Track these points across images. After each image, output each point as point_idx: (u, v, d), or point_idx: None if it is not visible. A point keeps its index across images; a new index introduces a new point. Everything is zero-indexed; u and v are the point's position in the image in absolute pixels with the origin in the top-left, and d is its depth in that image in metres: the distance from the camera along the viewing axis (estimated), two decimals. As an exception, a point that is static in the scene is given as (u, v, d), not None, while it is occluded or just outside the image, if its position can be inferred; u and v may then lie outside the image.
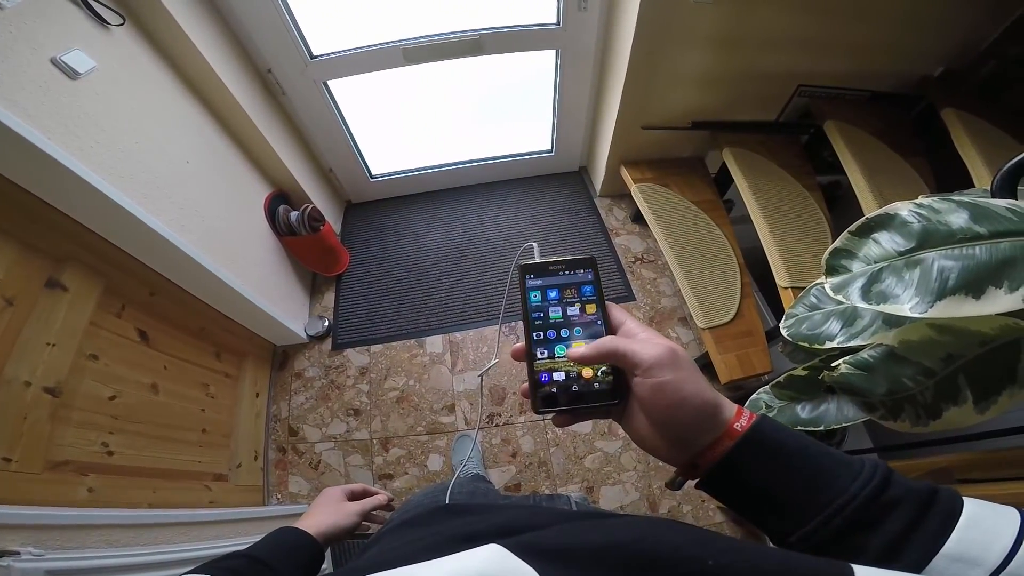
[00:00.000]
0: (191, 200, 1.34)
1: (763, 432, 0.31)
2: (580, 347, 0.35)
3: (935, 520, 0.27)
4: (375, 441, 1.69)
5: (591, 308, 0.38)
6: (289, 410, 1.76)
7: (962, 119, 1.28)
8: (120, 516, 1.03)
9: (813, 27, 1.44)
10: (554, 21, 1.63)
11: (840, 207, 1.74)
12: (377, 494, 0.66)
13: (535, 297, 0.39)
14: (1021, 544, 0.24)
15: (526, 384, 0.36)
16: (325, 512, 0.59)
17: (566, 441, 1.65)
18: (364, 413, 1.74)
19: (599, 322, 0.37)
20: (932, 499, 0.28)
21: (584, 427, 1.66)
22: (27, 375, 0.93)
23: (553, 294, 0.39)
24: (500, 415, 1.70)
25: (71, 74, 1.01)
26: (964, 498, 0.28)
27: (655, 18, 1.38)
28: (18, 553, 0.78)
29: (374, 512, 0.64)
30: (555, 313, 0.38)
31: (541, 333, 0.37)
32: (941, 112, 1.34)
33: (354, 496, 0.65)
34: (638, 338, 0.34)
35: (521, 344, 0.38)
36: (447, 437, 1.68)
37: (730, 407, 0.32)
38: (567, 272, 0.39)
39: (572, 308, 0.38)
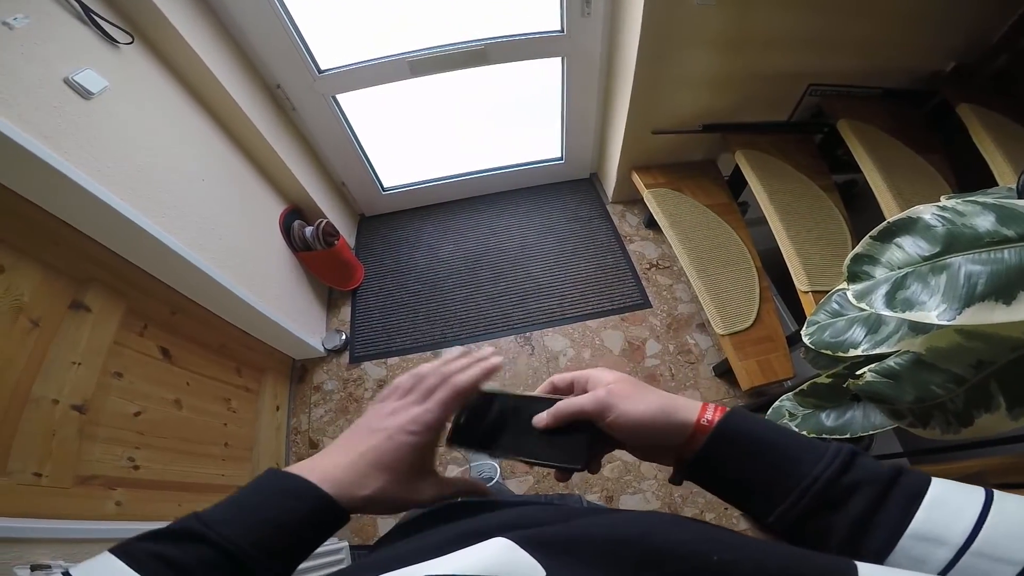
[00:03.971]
0: (207, 218, 1.36)
1: (731, 425, 0.33)
2: (541, 417, 0.39)
3: (899, 500, 0.27)
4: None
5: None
6: (309, 423, 1.78)
7: (978, 114, 1.25)
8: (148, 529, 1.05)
9: (818, 25, 1.43)
10: (558, 28, 1.64)
11: (858, 206, 1.70)
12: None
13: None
14: (984, 522, 0.25)
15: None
16: (380, 473, 0.36)
17: (584, 451, 1.62)
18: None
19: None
20: (895, 480, 0.28)
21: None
22: (55, 393, 0.96)
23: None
24: (517, 426, 1.69)
25: (84, 94, 1.03)
26: (933, 479, 0.28)
27: (659, 21, 1.38)
28: (49, 567, 0.79)
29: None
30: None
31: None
32: (956, 108, 1.31)
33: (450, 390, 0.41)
34: (582, 393, 0.39)
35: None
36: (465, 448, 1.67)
37: (688, 407, 0.35)
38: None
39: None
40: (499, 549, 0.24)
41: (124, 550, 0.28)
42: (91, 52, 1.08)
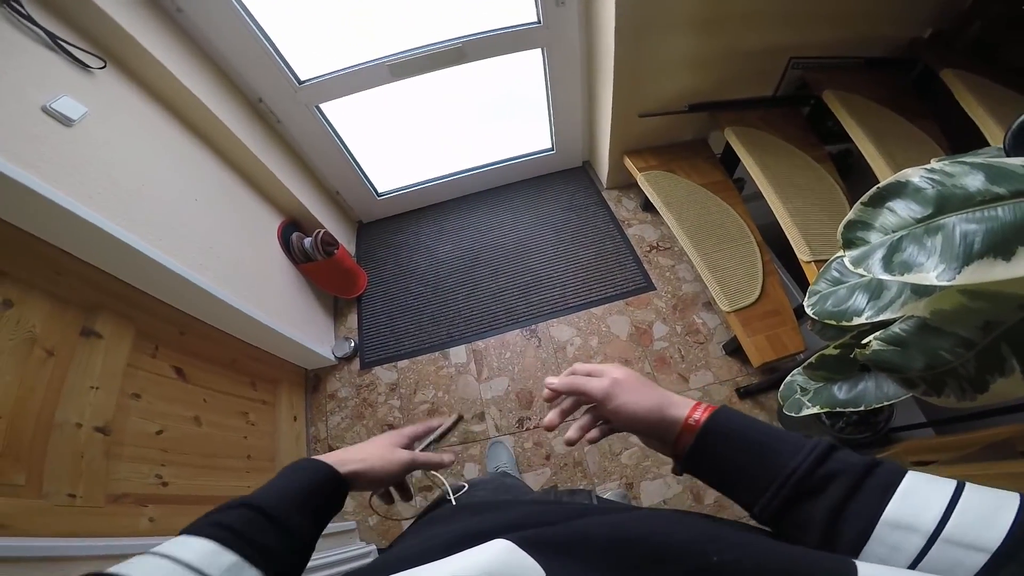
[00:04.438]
0: (204, 237, 1.37)
1: (717, 423, 0.37)
2: (552, 379, 0.49)
3: (874, 489, 0.29)
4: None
5: None
6: (327, 430, 1.80)
7: (962, 78, 1.25)
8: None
9: None
10: (535, 20, 1.63)
11: (855, 175, 1.69)
12: (434, 456, 0.56)
13: None
14: (953, 510, 0.26)
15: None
16: (366, 451, 0.50)
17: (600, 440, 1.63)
18: (398, 427, 1.76)
19: None
20: (870, 471, 0.30)
21: (616, 423, 1.64)
22: (77, 417, 0.99)
23: None
24: (530, 419, 1.70)
25: (65, 121, 1.03)
26: (909, 471, 0.30)
27: (633, 4, 1.37)
28: None
29: (433, 473, 0.56)
30: None
31: None
32: (940, 73, 1.31)
33: (415, 440, 0.58)
34: (600, 380, 0.46)
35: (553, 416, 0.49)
36: (480, 445, 1.68)
37: (679, 405, 0.41)
38: None
39: None
40: (500, 551, 0.24)
41: (189, 528, 0.36)
42: (65, 79, 1.07)
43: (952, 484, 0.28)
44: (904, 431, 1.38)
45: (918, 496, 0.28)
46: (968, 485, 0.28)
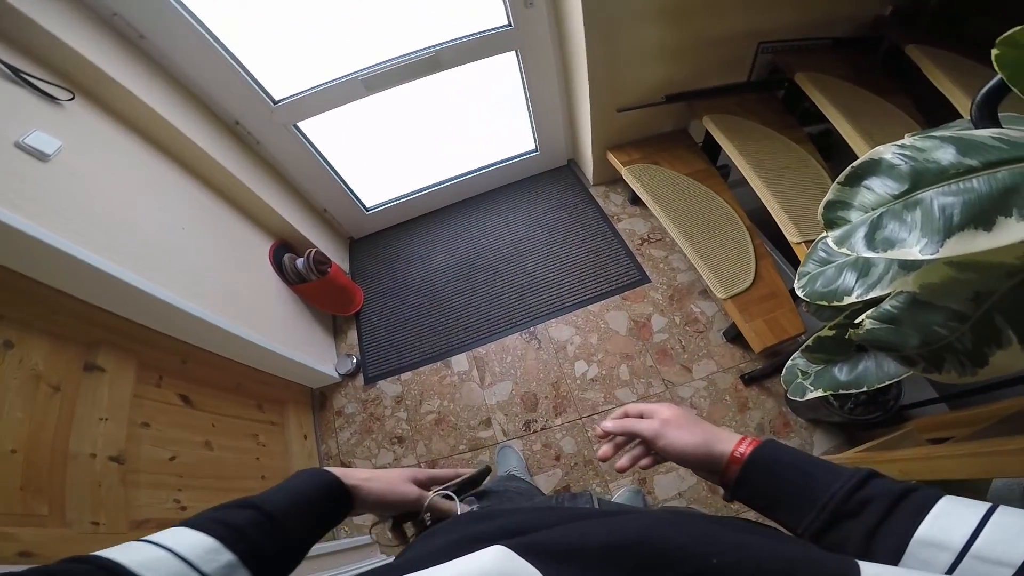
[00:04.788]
0: (196, 266, 1.37)
1: (761, 456, 0.41)
2: (607, 422, 0.54)
3: (907, 511, 0.31)
4: (422, 465, 1.71)
5: None
6: (338, 447, 1.80)
7: (927, 53, 1.27)
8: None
9: None
10: (505, 23, 1.64)
11: (837, 155, 1.70)
12: (445, 502, 0.53)
13: None
14: (983, 529, 0.27)
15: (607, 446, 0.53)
16: (376, 473, 0.51)
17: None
18: (407, 440, 1.76)
19: None
20: (904, 496, 0.33)
21: (622, 418, 1.64)
22: (90, 448, 1.02)
23: None
24: (536, 421, 1.70)
25: (40, 156, 1.01)
26: (944, 496, 0.32)
27: (599, 1, 1.39)
28: None
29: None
30: None
31: None
32: (905, 49, 1.32)
33: (435, 482, 0.56)
34: (652, 421, 0.50)
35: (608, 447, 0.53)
36: (489, 451, 1.68)
37: (725, 441, 0.44)
38: None
39: None
40: (496, 556, 0.24)
41: (190, 521, 0.36)
42: (34, 113, 1.05)
43: (984, 507, 0.29)
44: (916, 408, 1.37)
45: (950, 517, 0.30)
46: (1000, 507, 0.29)
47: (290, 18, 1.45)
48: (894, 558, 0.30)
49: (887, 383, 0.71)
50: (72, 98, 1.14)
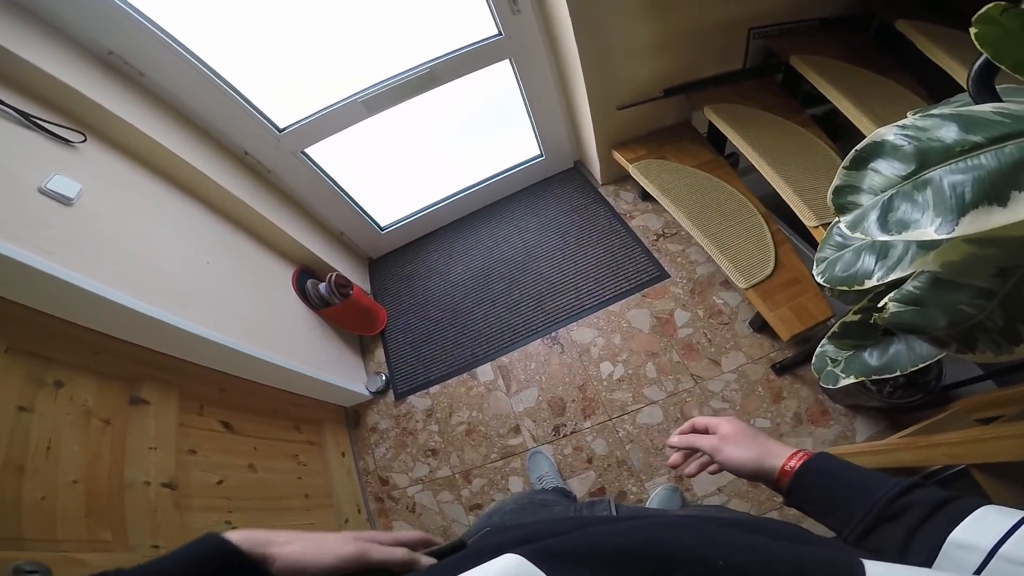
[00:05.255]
0: (223, 298, 1.41)
1: (810, 469, 0.45)
2: (674, 438, 0.59)
3: (944, 517, 0.33)
4: (457, 476, 1.73)
5: None
6: (375, 462, 1.84)
7: (918, 28, 1.25)
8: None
9: None
10: (495, 32, 1.65)
11: (846, 135, 1.66)
12: (396, 549, 0.42)
13: None
14: (1013, 533, 0.29)
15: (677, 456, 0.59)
16: (305, 536, 0.43)
17: (640, 436, 1.62)
18: (440, 452, 1.78)
19: None
20: (945, 503, 0.35)
21: (655, 417, 1.63)
22: (144, 476, 1.07)
23: None
24: (565, 425, 1.70)
25: (64, 201, 1.04)
26: (985, 505, 0.33)
27: (583, 1, 1.39)
28: None
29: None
30: None
31: None
32: (896, 25, 1.30)
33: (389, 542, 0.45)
34: (712, 436, 0.55)
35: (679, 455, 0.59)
36: (520, 458, 1.69)
37: (777, 456, 0.48)
38: None
39: None
40: (508, 565, 0.25)
41: None
42: (51, 157, 1.07)
43: (1020, 514, 0.30)
44: (961, 387, 1.31)
45: (985, 522, 0.31)
46: None
47: (285, 46, 1.49)
48: (929, 558, 0.31)
49: (922, 365, 0.69)
50: (84, 140, 1.16)
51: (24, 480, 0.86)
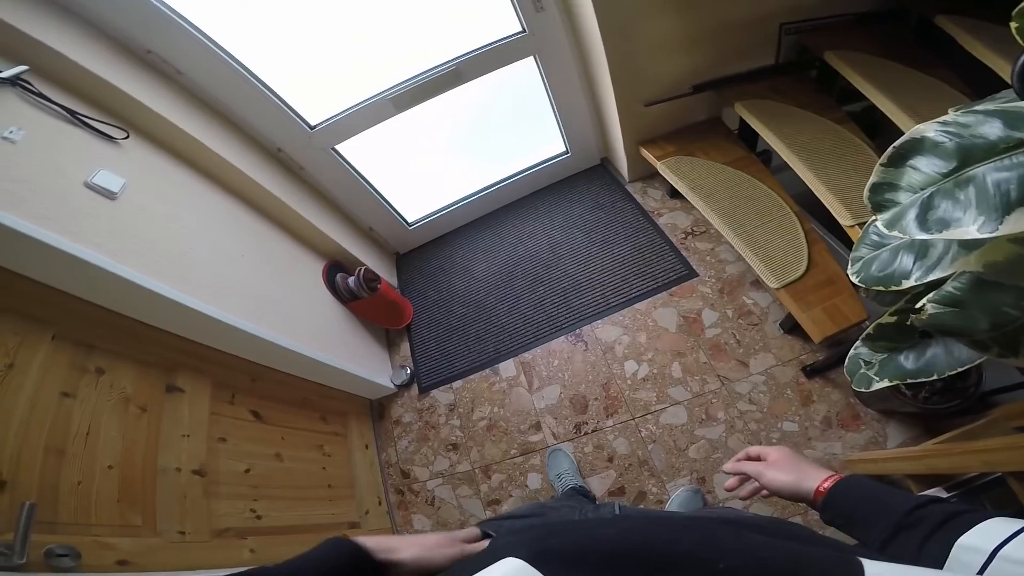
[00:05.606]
0: (256, 290, 1.46)
1: (839, 489, 0.50)
2: (728, 464, 0.65)
3: (955, 525, 0.36)
4: (477, 471, 1.75)
5: None
6: (397, 455, 1.88)
7: (959, 23, 1.19)
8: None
9: None
10: (519, 29, 1.65)
11: (884, 133, 1.59)
12: (478, 544, 0.54)
13: None
14: (1015, 537, 0.31)
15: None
16: (415, 543, 0.50)
17: (663, 436, 1.60)
18: (461, 446, 1.81)
19: None
20: (955, 515, 0.38)
21: (679, 418, 1.61)
22: (175, 463, 1.12)
23: None
24: (587, 423, 1.70)
25: (108, 195, 1.09)
26: (996, 517, 0.35)
27: None
28: None
29: None
30: None
31: None
32: (935, 20, 1.25)
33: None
34: (759, 463, 0.61)
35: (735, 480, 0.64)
36: (540, 455, 1.70)
37: (813, 479, 0.53)
38: None
39: None
40: (508, 569, 0.26)
41: None
42: (96, 153, 1.13)
43: (1023, 523, 0.33)
44: (1003, 393, 1.25)
45: (991, 529, 0.34)
46: None
47: (316, 46, 1.54)
48: (939, 562, 0.34)
49: (960, 370, 0.66)
50: (127, 136, 1.22)
51: (64, 465, 0.90)
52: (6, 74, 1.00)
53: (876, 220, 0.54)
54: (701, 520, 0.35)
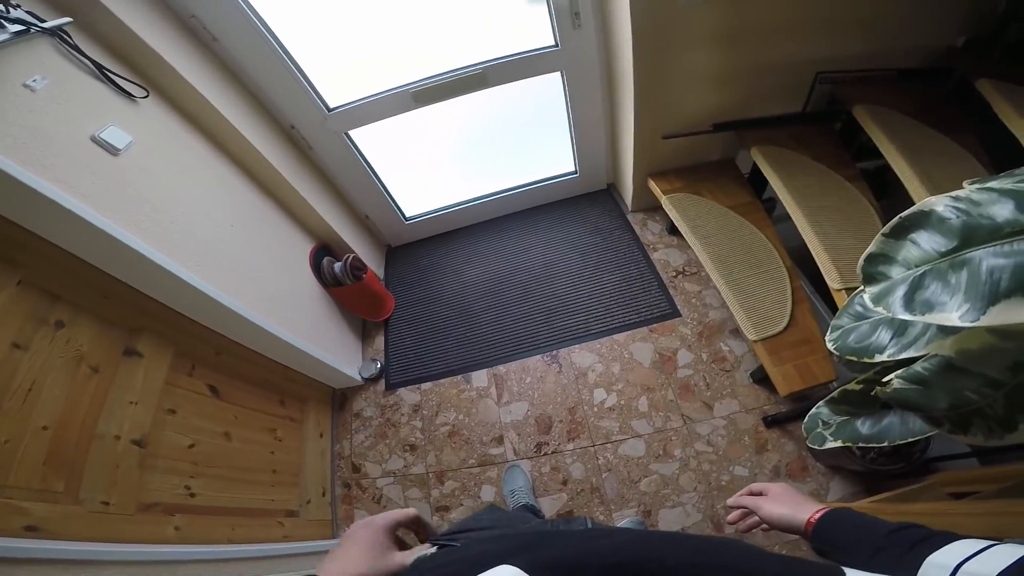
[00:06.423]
0: (241, 263, 1.43)
1: (827, 521, 0.55)
2: (732, 499, 0.69)
3: (927, 545, 0.40)
4: (431, 475, 1.71)
5: None
6: (351, 448, 1.83)
7: (999, 89, 1.19)
8: (204, 552, 1.13)
9: (815, 8, 1.39)
10: (552, 43, 1.66)
11: (892, 194, 1.62)
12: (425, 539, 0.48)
13: None
14: (977, 555, 0.34)
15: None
16: (355, 559, 0.43)
17: (619, 466, 1.59)
18: (419, 448, 1.77)
19: None
20: (929, 537, 0.41)
21: (638, 450, 1.60)
22: (116, 430, 1.06)
23: None
24: (548, 444, 1.68)
25: (111, 150, 1.08)
26: (961, 539, 0.39)
27: (648, 25, 1.37)
28: None
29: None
30: None
31: None
32: (976, 83, 1.25)
33: (409, 528, 0.49)
34: (759, 496, 0.65)
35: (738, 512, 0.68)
36: (498, 468, 1.67)
37: (804, 512, 0.57)
38: None
39: None
40: None
41: None
42: (111, 108, 1.12)
43: (986, 543, 0.36)
44: (944, 461, 1.31)
45: (958, 549, 0.37)
46: (1005, 542, 0.35)
47: (350, 30, 1.53)
48: (913, 572, 0.38)
49: (908, 440, 0.68)
50: (147, 96, 1.21)
51: (-4, 420, 0.83)
52: (49, 24, 0.99)
53: (864, 292, 0.54)
54: (694, 535, 0.36)
